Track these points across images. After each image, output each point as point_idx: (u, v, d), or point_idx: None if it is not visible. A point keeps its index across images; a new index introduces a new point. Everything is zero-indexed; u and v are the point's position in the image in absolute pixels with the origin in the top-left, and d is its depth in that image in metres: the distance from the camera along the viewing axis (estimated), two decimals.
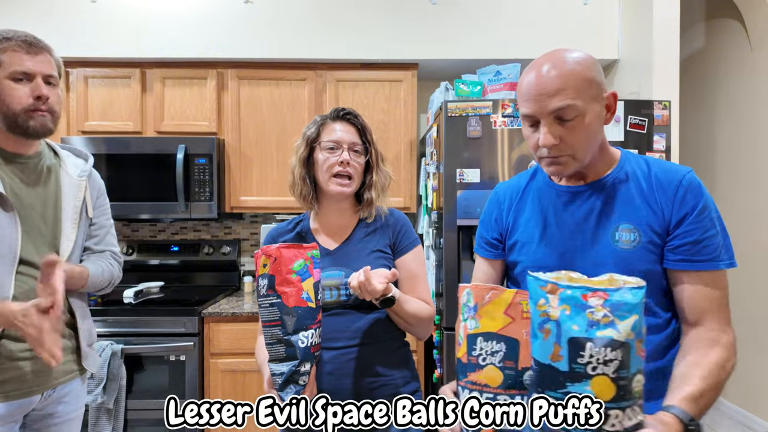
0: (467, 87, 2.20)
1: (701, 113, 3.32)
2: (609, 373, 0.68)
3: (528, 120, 0.91)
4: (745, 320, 2.95)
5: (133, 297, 2.32)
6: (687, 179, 0.92)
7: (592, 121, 0.88)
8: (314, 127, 1.24)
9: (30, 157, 1.23)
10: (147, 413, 2.13)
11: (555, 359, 0.71)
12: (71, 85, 2.50)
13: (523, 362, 0.78)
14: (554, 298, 0.72)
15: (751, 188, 2.88)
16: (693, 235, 0.89)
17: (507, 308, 0.80)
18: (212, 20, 2.48)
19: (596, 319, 0.69)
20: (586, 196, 0.97)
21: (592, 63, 0.89)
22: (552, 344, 0.71)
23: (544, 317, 0.73)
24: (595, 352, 0.68)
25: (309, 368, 1.02)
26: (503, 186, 1.13)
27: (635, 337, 0.69)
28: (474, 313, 0.81)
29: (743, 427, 2.89)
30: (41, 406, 1.22)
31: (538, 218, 1.01)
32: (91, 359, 1.34)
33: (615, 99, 0.93)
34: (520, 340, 0.79)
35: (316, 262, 1.07)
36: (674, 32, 2.25)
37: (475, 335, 0.80)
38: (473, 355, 0.80)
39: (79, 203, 1.29)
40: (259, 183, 2.55)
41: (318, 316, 1.05)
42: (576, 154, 0.90)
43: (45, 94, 1.17)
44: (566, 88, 0.85)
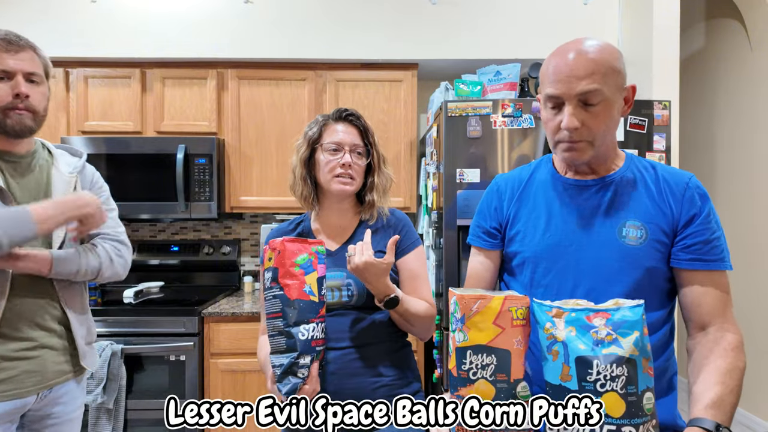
0: (467, 87, 2.20)
1: (701, 113, 3.32)
2: (617, 389, 0.69)
3: (551, 101, 0.91)
4: (744, 320, 2.95)
5: (133, 297, 2.32)
6: (693, 182, 0.94)
7: (613, 109, 0.89)
8: (316, 128, 1.24)
9: (22, 156, 1.23)
10: (147, 413, 2.13)
11: (565, 379, 0.72)
12: (71, 85, 2.50)
13: (515, 374, 0.77)
14: (560, 321, 0.74)
15: (751, 188, 2.88)
16: (703, 235, 0.90)
17: (496, 318, 0.77)
18: (212, 20, 2.48)
19: (600, 337, 0.71)
20: (594, 191, 0.97)
21: (619, 54, 0.91)
22: (561, 364, 0.73)
23: (552, 339, 0.74)
24: (602, 368, 0.70)
25: (308, 361, 1.01)
26: (504, 177, 1.12)
27: (640, 354, 0.70)
28: (462, 325, 0.79)
29: (743, 427, 2.89)
30: (38, 407, 1.22)
31: (542, 210, 1.01)
32: (90, 358, 1.32)
33: (633, 92, 0.94)
34: (512, 351, 0.77)
35: (321, 258, 1.06)
36: (674, 32, 2.26)
37: (464, 348, 0.78)
38: (463, 369, 0.78)
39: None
40: (259, 183, 2.55)
41: (321, 311, 1.05)
42: (595, 141, 0.90)
43: (23, 91, 1.15)
44: (595, 73, 0.86)
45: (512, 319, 0.77)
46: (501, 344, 0.76)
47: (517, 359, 0.77)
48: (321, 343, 1.06)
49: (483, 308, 0.77)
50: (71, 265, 1.20)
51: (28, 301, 1.18)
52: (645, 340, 0.72)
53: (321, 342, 1.06)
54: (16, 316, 1.16)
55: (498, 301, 0.78)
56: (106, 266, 1.28)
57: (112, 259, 1.29)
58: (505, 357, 0.76)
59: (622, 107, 0.92)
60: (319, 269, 1.05)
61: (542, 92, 0.94)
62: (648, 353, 0.72)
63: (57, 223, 1.13)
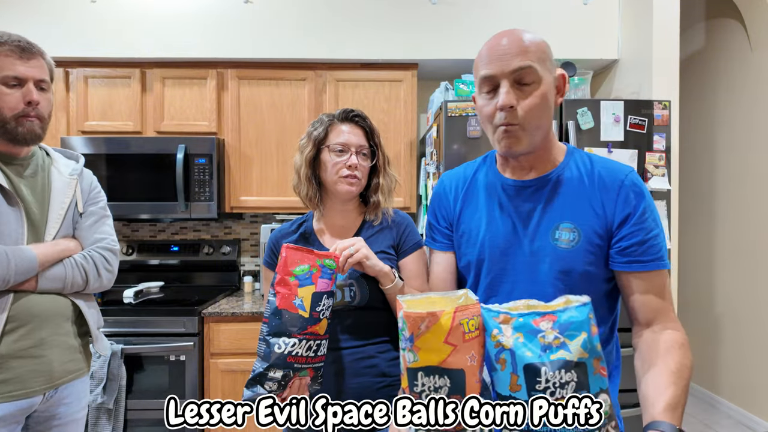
0: (467, 87, 2.20)
1: (701, 113, 3.32)
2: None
3: (487, 84, 0.90)
4: (745, 320, 2.95)
5: (133, 297, 2.32)
6: (629, 179, 0.91)
7: (546, 91, 0.89)
8: (322, 128, 1.22)
9: (24, 158, 1.24)
10: (147, 413, 2.13)
11: (514, 389, 0.69)
12: (71, 85, 2.50)
13: (470, 391, 0.73)
14: (507, 328, 0.71)
15: (752, 187, 2.88)
16: (638, 236, 0.89)
17: (447, 336, 0.71)
18: (212, 20, 2.48)
19: (548, 342, 0.68)
20: (531, 192, 0.95)
21: (548, 45, 0.92)
22: (509, 374, 0.70)
23: (499, 347, 0.71)
24: (550, 376, 0.67)
25: (279, 376, 0.95)
26: (448, 175, 1.10)
27: (590, 356, 0.68)
28: (411, 345, 0.73)
29: (743, 427, 2.89)
30: (44, 408, 1.22)
31: (483, 211, 1.00)
32: (100, 342, 1.34)
33: (564, 80, 0.94)
34: (465, 369, 0.72)
35: (326, 273, 0.98)
36: (674, 32, 2.26)
37: (415, 369, 0.73)
38: (415, 391, 0.73)
39: (67, 200, 1.27)
40: (259, 183, 2.55)
41: (311, 328, 0.96)
42: (527, 125, 0.88)
43: (36, 99, 1.16)
44: (528, 52, 0.87)
45: (464, 333, 0.72)
46: (454, 364, 0.71)
47: (472, 377, 0.73)
48: (303, 361, 0.96)
49: (432, 326, 0.71)
50: (56, 283, 1.22)
51: (34, 298, 1.18)
52: (594, 340, 0.68)
53: (304, 360, 0.96)
54: (22, 314, 1.16)
55: (447, 316, 0.72)
56: (93, 280, 1.28)
57: (100, 273, 1.29)
58: (459, 377, 0.72)
59: (554, 94, 0.92)
60: (319, 284, 0.97)
61: (476, 80, 0.93)
62: (598, 353, 0.69)
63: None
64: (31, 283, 1.17)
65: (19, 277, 1.14)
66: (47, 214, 1.24)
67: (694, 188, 3.39)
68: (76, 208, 1.30)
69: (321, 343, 1.01)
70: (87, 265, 1.26)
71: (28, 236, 1.19)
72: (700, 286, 3.30)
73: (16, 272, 1.13)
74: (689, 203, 3.39)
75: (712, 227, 3.24)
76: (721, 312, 3.17)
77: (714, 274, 3.23)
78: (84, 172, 1.36)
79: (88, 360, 1.34)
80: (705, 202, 3.31)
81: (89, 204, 1.34)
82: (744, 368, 2.97)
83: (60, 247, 1.23)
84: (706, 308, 3.29)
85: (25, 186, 1.22)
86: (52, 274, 1.20)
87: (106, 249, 1.32)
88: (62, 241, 1.24)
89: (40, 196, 1.24)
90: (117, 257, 1.36)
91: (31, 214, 1.21)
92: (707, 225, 3.29)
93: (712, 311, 3.25)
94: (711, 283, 3.26)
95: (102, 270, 1.29)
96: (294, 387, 1.00)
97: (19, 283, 1.15)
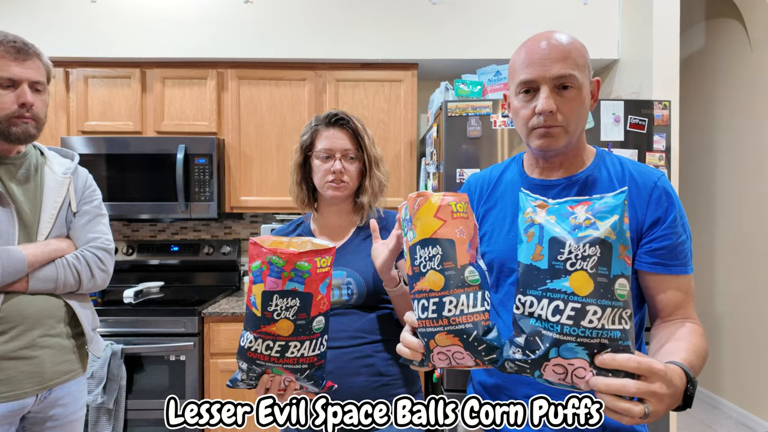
0: (467, 87, 2.20)
1: (701, 113, 3.32)
2: (587, 268, 0.67)
3: (525, 86, 0.90)
4: (745, 319, 2.95)
5: (133, 297, 2.32)
6: (661, 182, 0.92)
7: (585, 97, 0.90)
8: (308, 135, 1.25)
9: (16, 158, 1.23)
10: (147, 413, 2.13)
11: (536, 258, 0.71)
12: (71, 85, 2.50)
13: (461, 260, 0.78)
14: (542, 211, 0.74)
15: (752, 187, 2.88)
16: (669, 240, 0.89)
17: (437, 212, 0.79)
18: (212, 20, 2.49)
19: (579, 222, 0.70)
20: (557, 191, 0.95)
21: (586, 49, 0.92)
22: (534, 245, 0.72)
23: (530, 222, 0.74)
24: (574, 248, 0.68)
25: (245, 368, 0.90)
26: (475, 176, 1.12)
27: (618, 239, 0.67)
28: (410, 224, 0.82)
29: (743, 427, 2.89)
30: (38, 409, 1.21)
31: (508, 210, 1.00)
32: (95, 344, 1.33)
33: (598, 86, 0.95)
34: (455, 239, 0.78)
35: (275, 270, 0.87)
36: (674, 32, 2.26)
37: (414, 245, 0.80)
38: (416, 264, 0.80)
39: (60, 199, 1.26)
40: (259, 183, 2.56)
41: (264, 328, 0.87)
42: (568, 127, 0.89)
43: (30, 101, 1.16)
44: (569, 58, 0.87)
45: (452, 212, 0.79)
46: (443, 235, 0.78)
47: (461, 246, 0.78)
48: (266, 360, 0.88)
49: (423, 204, 0.80)
50: (48, 284, 1.21)
51: (25, 299, 1.18)
52: (624, 227, 0.69)
53: (266, 359, 0.88)
54: (13, 314, 1.15)
55: (437, 197, 0.80)
56: (86, 280, 1.27)
57: (93, 273, 1.28)
58: (450, 246, 0.78)
59: (589, 99, 0.93)
60: (267, 282, 0.87)
61: (513, 82, 0.93)
62: (626, 241, 0.69)
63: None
64: (21, 283, 1.16)
65: (8, 278, 1.13)
66: (39, 214, 1.23)
67: (694, 188, 3.39)
68: (70, 207, 1.29)
69: (286, 345, 0.88)
70: (79, 266, 1.25)
71: (19, 236, 1.18)
72: (700, 286, 3.30)
73: (4, 273, 1.12)
74: (689, 203, 3.39)
75: (712, 227, 3.24)
76: (721, 312, 3.17)
77: (714, 274, 3.24)
78: (78, 171, 1.35)
79: (83, 361, 1.32)
80: (705, 202, 3.31)
81: (83, 203, 1.32)
82: (744, 368, 2.97)
83: (51, 247, 1.22)
84: (706, 308, 3.30)
85: (16, 186, 1.21)
86: (44, 275, 1.19)
87: (100, 248, 1.30)
88: (53, 241, 1.23)
89: (32, 195, 1.23)
90: (112, 256, 1.34)
91: (23, 215, 1.20)
92: (707, 225, 3.29)
93: (712, 311, 3.25)
94: (711, 283, 3.26)
95: (95, 270, 1.28)
96: (273, 385, 0.92)
97: (8, 284, 1.14)
